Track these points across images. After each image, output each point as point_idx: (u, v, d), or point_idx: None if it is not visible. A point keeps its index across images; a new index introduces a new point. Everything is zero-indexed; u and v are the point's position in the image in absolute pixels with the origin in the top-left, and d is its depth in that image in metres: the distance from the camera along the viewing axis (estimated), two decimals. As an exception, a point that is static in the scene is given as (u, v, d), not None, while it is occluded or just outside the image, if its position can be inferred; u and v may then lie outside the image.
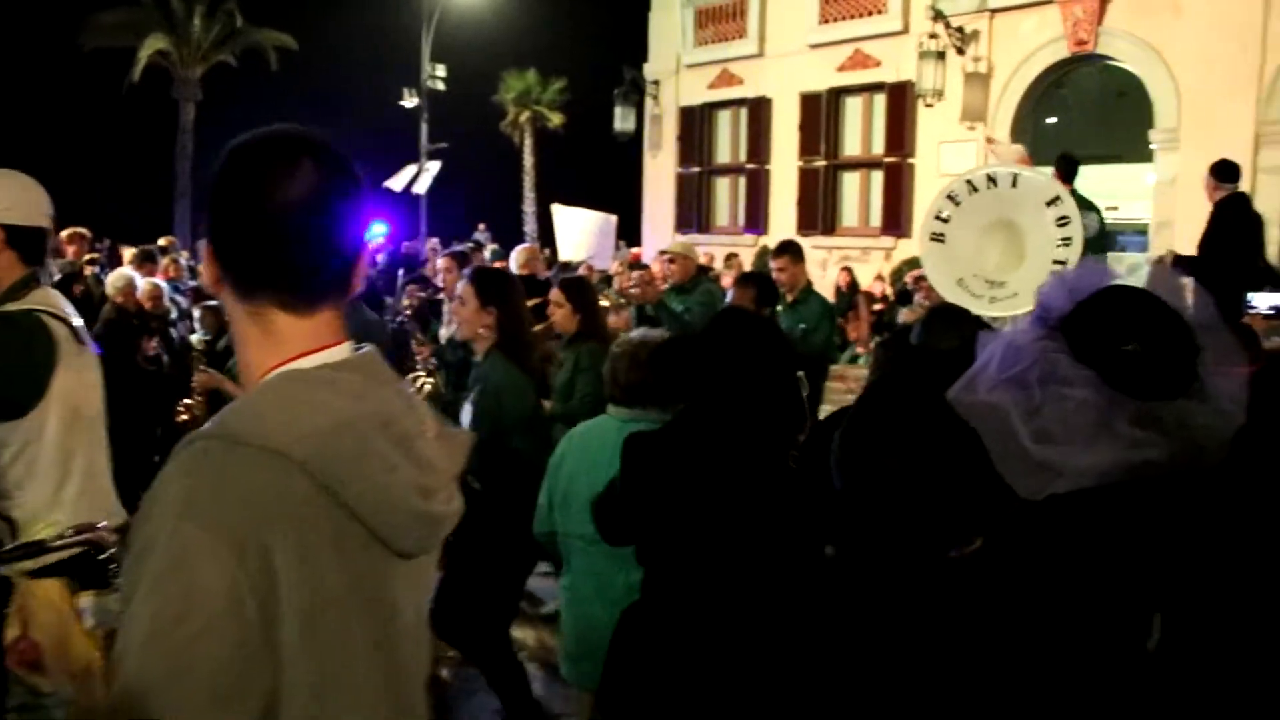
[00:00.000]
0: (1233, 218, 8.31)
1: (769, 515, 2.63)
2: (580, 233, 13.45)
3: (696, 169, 20.43)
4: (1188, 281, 2.07)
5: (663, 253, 8.23)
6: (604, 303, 6.89)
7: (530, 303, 6.43)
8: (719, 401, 2.86)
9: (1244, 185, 9.04)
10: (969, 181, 6.34)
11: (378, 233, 25.62)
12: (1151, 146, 14.19)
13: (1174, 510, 1.80)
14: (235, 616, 1.27)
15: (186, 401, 6.15)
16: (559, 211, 14.08)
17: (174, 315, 9.35)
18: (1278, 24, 12.73)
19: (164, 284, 9.39)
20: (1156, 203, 14.05)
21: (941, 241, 6.38)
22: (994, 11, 15.55)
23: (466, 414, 4.43)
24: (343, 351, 1.51)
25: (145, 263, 10.43)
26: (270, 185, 1.42)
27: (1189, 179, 12.19)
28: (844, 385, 8.55)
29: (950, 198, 6.32)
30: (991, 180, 6.28)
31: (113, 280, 8.74)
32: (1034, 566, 1.89)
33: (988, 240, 6.21)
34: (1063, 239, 6.06)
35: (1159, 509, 1.81)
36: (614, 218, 14.31)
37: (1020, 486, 1.84)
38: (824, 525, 2.13)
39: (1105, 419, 1.82)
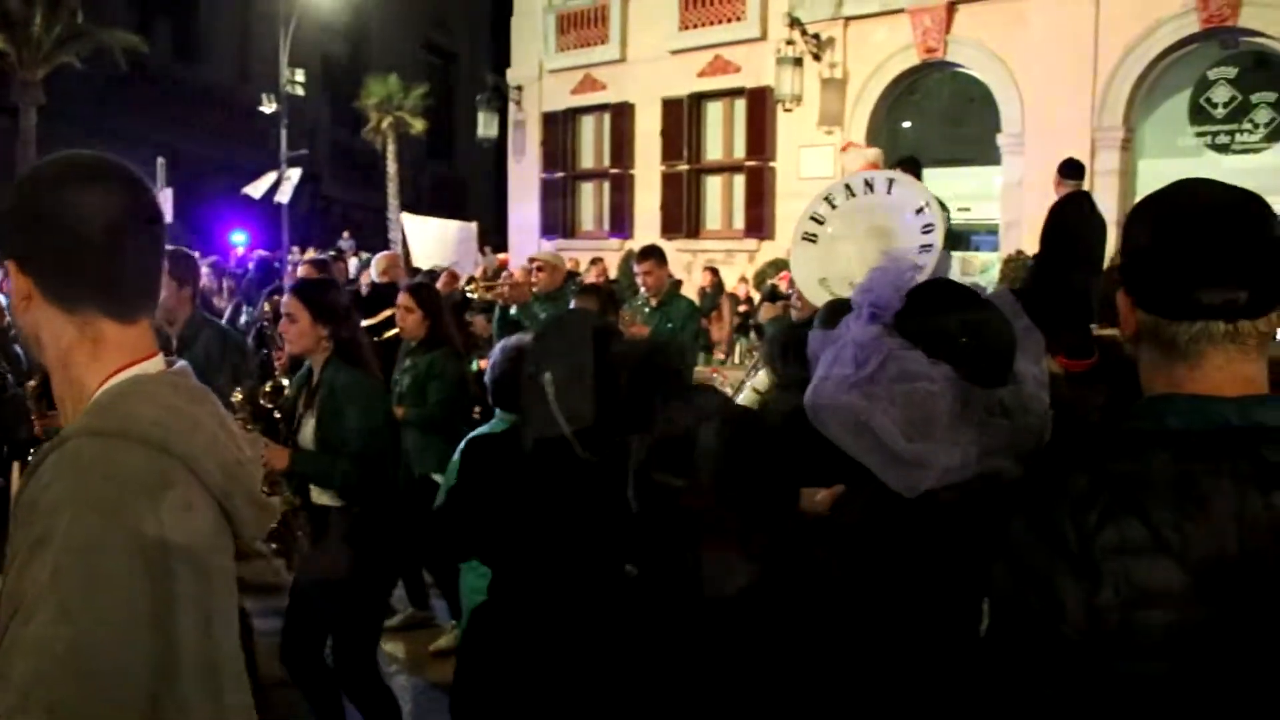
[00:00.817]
0: (1071, 213, 8.65)
1: (597, 519, 2.62)
2: (435, 241, 13.34)
3: (561, 174, 20.43)
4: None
5: (531, 259, 8.22)
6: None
7: (390, 311, 6.38)
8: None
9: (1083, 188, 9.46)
10: (847, 185, 6.48)
11: (237, 241, 24.91)
12: (999, 150, 14.76)
13: (994, 505, 1.87)
14: (136, 589, 1.37)
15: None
16: (409, 221, 13.96)
17: (15, 331, 8.94)
18: (1107, 39, 13.41)
19: (3, 298, 8.97)
20: (1004, 203, 14.60)
21: (813, 241, 6.51)
22: (848, 19, 15.96)
23: (308, 429, 4.29)
24: (161, 360, 1.61)
25: (-17, 276, 9.94)
26: (94, 204, 1.51)
27: (1034, 181, 12.73)
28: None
29: (827, 199, 6.45)
30: (869, 185, 6.43)
31: (-54, 295, 8.30)
32: (877, 565, 1.95)
33: (863, 245, 6.35)
34: (923, 245, 6.24)
35: (985, 505, 1.87)
36: (473, 225, 14.23)
37: (896, 484, 1.89)
38: (624, 543, 2.15)
39: (965, 409, 1.88)
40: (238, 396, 4.36)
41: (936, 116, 16.35)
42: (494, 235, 22.30)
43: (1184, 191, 1.51)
